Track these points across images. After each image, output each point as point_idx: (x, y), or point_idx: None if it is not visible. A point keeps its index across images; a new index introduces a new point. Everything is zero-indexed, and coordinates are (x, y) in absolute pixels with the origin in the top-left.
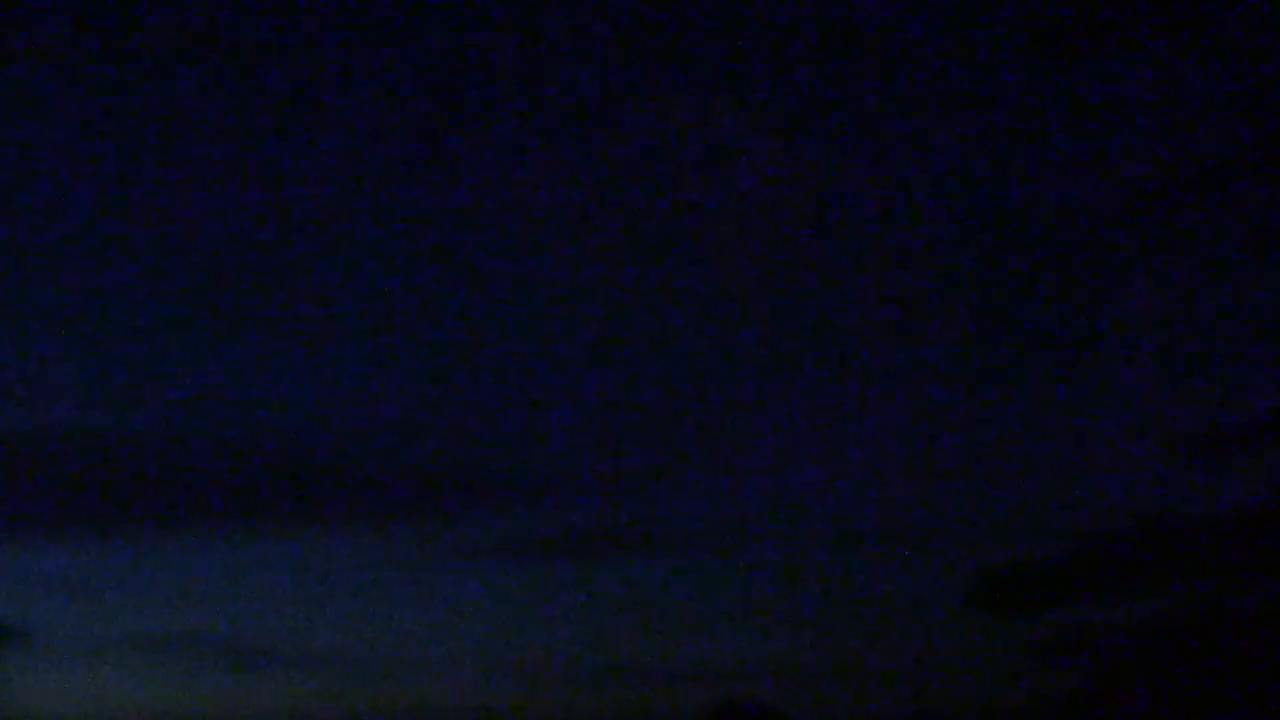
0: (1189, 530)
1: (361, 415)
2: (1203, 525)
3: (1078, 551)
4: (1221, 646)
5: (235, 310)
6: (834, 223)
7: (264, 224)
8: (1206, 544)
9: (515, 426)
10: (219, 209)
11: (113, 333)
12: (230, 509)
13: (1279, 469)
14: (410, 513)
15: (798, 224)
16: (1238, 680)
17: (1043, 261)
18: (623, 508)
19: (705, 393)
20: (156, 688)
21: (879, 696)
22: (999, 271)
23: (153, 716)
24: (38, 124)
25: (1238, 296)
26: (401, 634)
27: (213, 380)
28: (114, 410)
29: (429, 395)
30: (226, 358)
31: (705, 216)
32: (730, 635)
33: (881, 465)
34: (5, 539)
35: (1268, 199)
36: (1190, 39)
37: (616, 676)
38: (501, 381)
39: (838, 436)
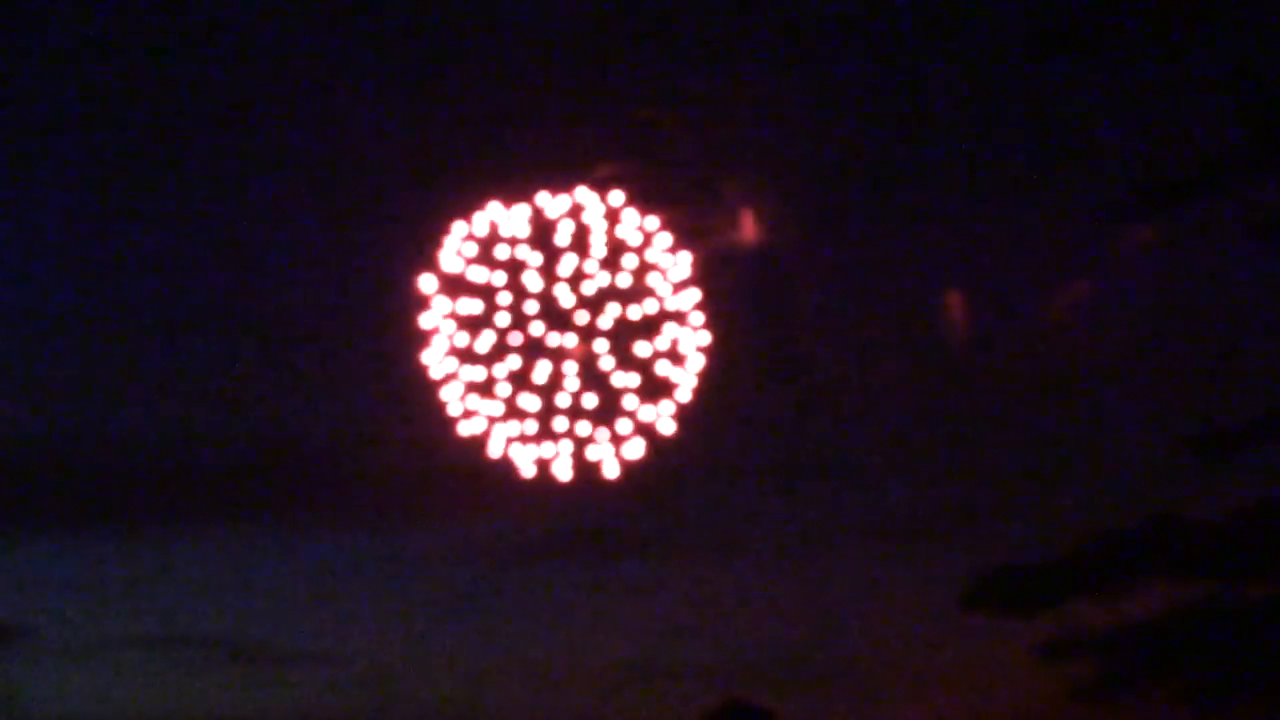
0: (1189, 530)
1: (362, 417)
2: (1203, 525)
3: (1078, 551)
4: (1221, 646)
5: (236, 311)
6: (833, 222)
7: (264, 222)
8: (1206, 544)
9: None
10: (218, 206)
11: (112, 333)
12: (230, 509)
13: (1279, 469)
14: (410, 514)
15: (796, 224)
16: (1238, 680)
17: (1043, 260)
18: (623, 508)
19: (706, 392)
20: (156, 688)
21: (879, 696)
22: (999, 272)
23: (153, 716)
24: (37, 124)
25: (1238, 296)
26: (400, 634)
27: (212, 380)
28: (114, 410)
29: (429, 396)
30: (226, 359)
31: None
32: (730, 635)
33: (882, 465)
34: (5, 539)
35: (1268, 199)
36: (1189, 39)
37: (617, 676)
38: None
39: (837, 437)
